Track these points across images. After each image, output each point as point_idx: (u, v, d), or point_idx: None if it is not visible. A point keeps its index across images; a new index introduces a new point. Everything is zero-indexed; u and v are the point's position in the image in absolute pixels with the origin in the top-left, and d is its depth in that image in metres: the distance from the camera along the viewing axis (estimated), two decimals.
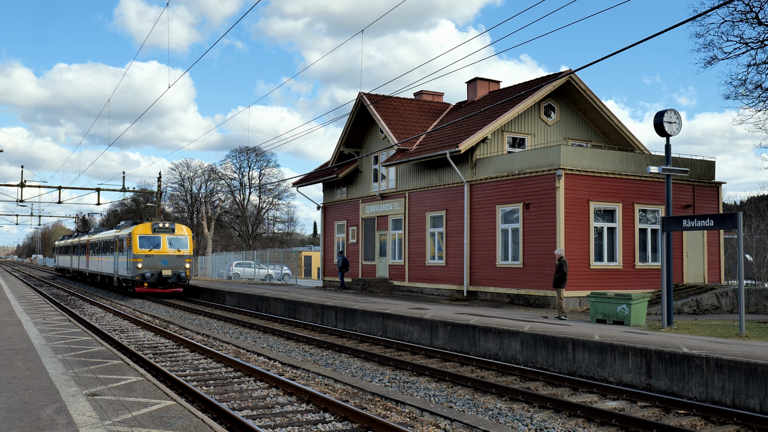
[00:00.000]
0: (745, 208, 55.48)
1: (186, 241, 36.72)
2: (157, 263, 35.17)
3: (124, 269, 36.73)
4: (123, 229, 38.98)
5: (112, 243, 40.34)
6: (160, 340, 19.11)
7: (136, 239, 35.37)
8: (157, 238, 35.87)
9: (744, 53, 26.71)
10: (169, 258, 35.58)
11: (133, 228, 36.11)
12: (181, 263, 35.94)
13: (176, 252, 36.00)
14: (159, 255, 35.39)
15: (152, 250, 35.35)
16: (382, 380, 13.66)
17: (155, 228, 36.04)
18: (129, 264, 35.67)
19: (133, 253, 35.12)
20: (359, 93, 33.89)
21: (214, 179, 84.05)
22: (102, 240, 44.18)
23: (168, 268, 35.39)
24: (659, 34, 11.68)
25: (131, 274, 35.26)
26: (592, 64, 12.93)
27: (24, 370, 11.13)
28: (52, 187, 50.04)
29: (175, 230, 36.59)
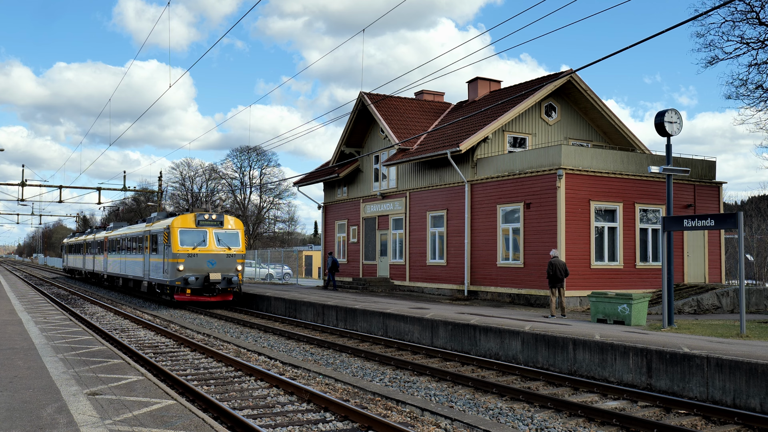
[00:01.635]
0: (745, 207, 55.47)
1: (237, 237, 29.75)
2: (202, 264, 28.35)
3: (159, 272, 29.99)
4: (156, 223, 32.04)
5: (141, 239, 33.59)
6: (161, 340, 19.11)
7: (176, 234, 28.41)
8: (202, 233, 28.87)
9: (745, 53, 26.69)
10: (217, 258, 28.75)
11: (172, 221, 28.90)
12: (232, 264, 29.03)
13: (225, 250, 29.06)
14: (205, 254, 28.54)
15: (196, 247, 28.47)
16: (382, 380, 13.66)
17: (199, 220, 29.04)
18: (166, 265, 28.82)
19: (173, 252, 28.19)
20: (360, 92, 33.89)
21: (215, 179, 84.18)
22: (126, 236, 37.26)
23: (216, 270, 28.54)
24: (660, 34, 11.67)
25: (170, 277, 28.34)
26: (592, 64, 12.93)
27: (25, 369, 11.13)
28: (53, 186, 50.11)
29: (223, 223, 29.47)
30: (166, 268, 28.81)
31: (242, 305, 30.89)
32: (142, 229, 33.90)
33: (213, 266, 28.53)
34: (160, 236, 30.01)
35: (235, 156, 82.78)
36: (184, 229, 28.67)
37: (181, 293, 28.23)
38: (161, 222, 30.96)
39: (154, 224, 31.90)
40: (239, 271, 29.15)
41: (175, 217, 29.62)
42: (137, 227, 35.97)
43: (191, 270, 28.07)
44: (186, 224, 28.81)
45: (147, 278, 32.19)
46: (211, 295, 28.59)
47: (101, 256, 44.96)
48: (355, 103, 34.36)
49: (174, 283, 28.07)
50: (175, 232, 28.54)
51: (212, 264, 28.57)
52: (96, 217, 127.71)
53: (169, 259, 28.44)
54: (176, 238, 28.39)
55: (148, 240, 32.04)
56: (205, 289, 28.32)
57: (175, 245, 28.27)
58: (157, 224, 31.48)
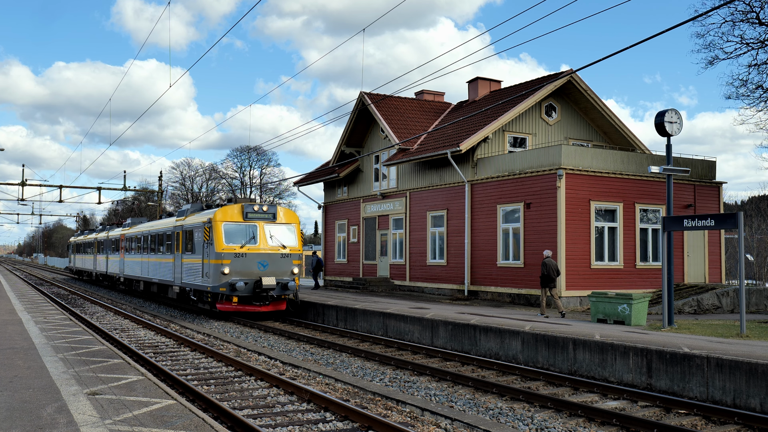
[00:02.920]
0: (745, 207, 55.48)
1: (293, 232, 24.97)
2: (251, 266, 23.55)
3: (195, 275, 25.24)
4: (191, 216, 27.18)
5: (170, 237, 28.77)
6: (161, 339, 19.12)
7: (219, 230, 23.55)
8: (252, 228, 24.12)
9: (745, 53, 26.69)
10: (269, 258, 23.85)
11: (215, 213, 24.10)
12: (287, 266, 24.15)
13: (279, 249, 24.13)
14: (255, 254, 23.71)
15: (244, 246, 23.58)
16: (382, 380, 13.66)
17: (248, 212, 24.16)
18: (207, 268, 23.94)
19: (216, 251, 23.35)
20: (360, 92, 33.89)
21: (215, 178, 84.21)
22: (149, 233, 32.39)
23: (269, 273, 23.68)
24: (660, 34, 11.67)
25: (212, 282, 23.48)
26: (593, 64, 12.93)
27: (25, 369, 11.13)
28: (53, 186, 50.13)
29: (276, 215, 24.66)
30: (207, 270, 23.85)
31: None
32: (170, 225, 29.03)
33: (265, 268, 23.67)
34: (197, 232, 25.22)
35: (235, 156, 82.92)
36: (229, 224, 23.77)
37: (226, 302, 23.32)
38: (198, 215, 26.14)
39: (188, 218, 26.99)
40: (295, 274, 24.27)
41: (217, 208, 24.66)
42: (164, 222, 31.05)
43: (238, 273, 23.27)
44: (232, 217, 23.87)
45: (178, 282, 27.33)
46: (262, 303, 23.61)
47: (116, 256, 40.43)
48: (356, 103, 34.36)
49: (217, 289, 23.18)
50: (219, 226, 23.59)
51: (264, 266, 23.70)
52: (96, 217, 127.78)
53: (211, 260, 23.56)
54: (220, 234, 23.51)
55: (180, 237, 27.29)
56: (255, 297, 23.48)
57: (219, 243, 23.37)
58: (192, 218, 26.54)
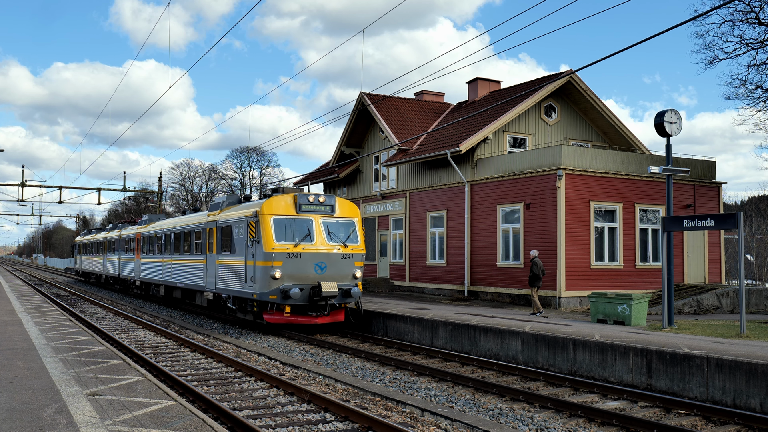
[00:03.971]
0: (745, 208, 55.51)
1: (354, 229, 20.94)
2: (307, 269, 19.56)
3: (235, 280, 21.21)
4: (227, 210, 22.84)
5: (200, 234, 24.82)
6: (161, 340, 19.11)
7: (269, 225, 19.51)
8: (307, 223, 20.05)
9: (744, 53, 26.68)
10: (328, 259, 19.88)
11: (262, 204, 20.03)
12: (349, 269, 20.23)
13: (340, 248, 20.18)
14: (312, 254, 19.69)
15: (298, 245, 19.57)
16: (382, 380, 13.65)
17: (302, 204, 20.10)
18: (252, 271, 19.92)
19: (264, 251, 19.33)
20: (360, 93, 33.90)
21: (215, 179, 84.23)
22: (173, 231, 28.49)
23: (328, 277, 19.71)
24: (659, 34, 11.67)
25: (258, 288, 19.45)
26: (592, 65, 12.94)
27: (25, 369, 11.13)
28: (52, 186, 50.14)
29: (335, 208, 20.67)
30: (252, 274, 19.85)
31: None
32: (201, 221, 25.10)
33: (323, 272, 19.70)
34: (237, 228, 21.34)
35: (234, 156, 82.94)
36: (280, 218, 19.70)
37: (277, 312, 19.39)
38: (238, 208, 22.12)
39: (225, 212, 22.99)
40: (357, 278, 20.33)
41: (263, 199, 20.72)
42: (192, 218, 27.02)
43: (291, 278, 19.27)
44: (282, 209, 19.90)
45: (211, 288, 23.42)
46: (319, 314, 19.59)
47: (130, 257, 36.55)
48: (355, 103, 34.37)
49: (266, 297, 19.18)
50: (268, 221, 19.49)
51: (322, 268, 19.71)
52: (96, 218, 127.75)
53: (258, 261, 19.53)
54: (269, 230, 19.43)
55: (214, 235, 23.36)
56: (311, 306, 19.45)
57: (268, 241, 19.33)
58: (230, 212, 22.47)
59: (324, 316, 19.76)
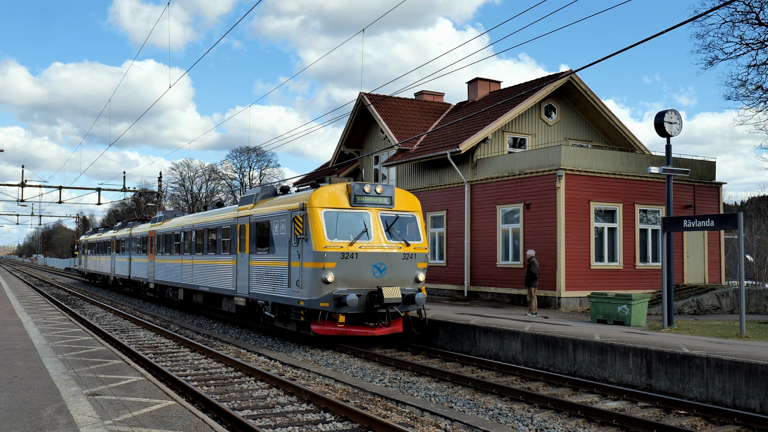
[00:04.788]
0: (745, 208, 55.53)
1: (416, 225, 18.17)
2: (364, 272, 16.75)
3: (278, 284, 18.17)
4: (266, 202, 19.87)
5: (229, 231, 21.99)
6: (161, 340, 19.11)
7: (319, 220, 16.66)
8: (363, 218, 17.24)
9: (744, 54, 26.69)
10: (388, 260, 17.08)
11: (310, 196, 17.07)
12: (411, 271, 17.50)
13: (400, 246, 17.36)
14: (369, 254, 16.85)
15: (354, 243, 16.70)
16: (382, 380, 13.65)
17: (357, 195, 17.24)
18: (299, 274, 16.99)
19: (314, 250, 16.44)
20: (360, 93, 33.90)
21: (215, 179, 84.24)
22: (194, 228, 25.74)
23: (388, 281, 17.00)
24: (659, 34, 11.67)
25: (307, 294, 16.62)
26: (592, 65, 12.94)
27: (24, 369, 11.13)
28: (52, 186, 50.12)
29: (394, 200, 17.81)
30: (298, 277, 16.99)
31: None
32: (230, 216, 22.11)
33: (382, 274, 16.90)
34: (277, 224, 18.39)
35: (234, 156, 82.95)
36: (332, 211, 16.88)
37: (329, 322, 16.66)
38: (278, 201, 19.10)
39: (260, 205, 19.96)
40: (420, 282, 17.64)
41: (311, 189, 17.84)
42: (218, 213, 23.82)
43: (346, 282, 16.51)
44: (334, 202, 17.02)
45: (243, 292, 20.56)
46: (377, 324, 16.81)
47: (142, 258, 33.84)
48: (355, 103, 34.37)
49: (316, 304, 16.37)
50: (318, 215, 16.64)
51: (381, 271, 16.91)
52: (96, 218, 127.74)
53: (307, 262, 16.67)
54: (320, 225, 16.55)
55: (246, 232, 20.45)
56: (369, 315, 16.71)
57: (319, 238, 16.44)
58: (267, 205, 19.50)
59: (383, 326, 16.89)
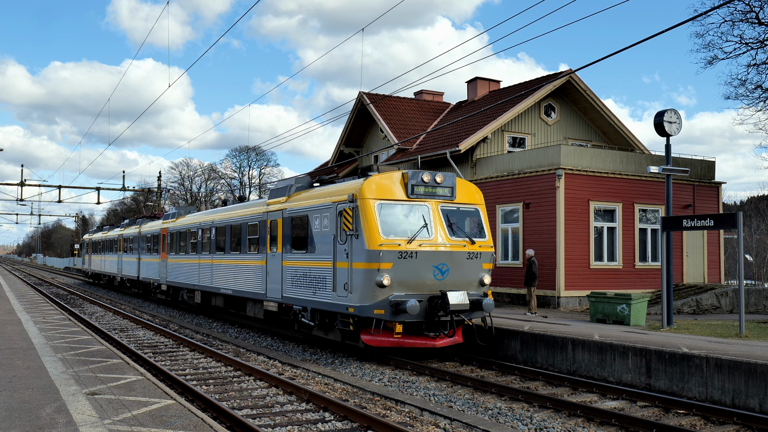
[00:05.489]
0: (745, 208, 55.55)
1: (480, 218, 16.05)
2: (424, 273, 14.55)
3: (321, 287, 15.89)
4: (302, 194, 17.59)
5: (257, 228, 19.79)
6: (160, 339, 19.10)
7: (372, 213, 14.47)
8: (422, 211, 15.04)
9: (744, 53, 26.71)
10: (451, 260, 14.90)
11: (362, 185, 14.81)
12: (476, 272, 15.34)
13: (465, 244, 15.19)
14: (431, 253, 14.65)
15: (413, 240, 14.48)
16: (381, 380, 13.65)
17: (415, 185, 15.06)
18: (348, 276, 14.75)
19: (367, 249, 14.20)
20: (359, 92, 33.90)
21: (214, 178, 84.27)
22: (214, 225, 23.59)
23: (451, 284, 14.77)
24: (659, 34, 11.67)
25: (358, 300, 14.37)
26: (592, 64, 12.94)
27: (24, 369, 11.13)
28: (52, 186, 50.12)
29: (455, 191, 15.60)
30: (346, 280, 14.73)
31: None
32: (257, 211, 20.01)
33: (444, 276, 14.70)
34: (319, 219, 16.11)
35: (234, 156, 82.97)
36: (387, 204, 14.68)
37: (384, 332, 14.43)
38: (318, 192, 16.85)
39: (294, 198, 17.78)
40: (486, 285, 15.54)
41: (361, 179, 15.42)
42: (242, 208, 21.65)
43: (404, 285, 14.31)
44: (390, 192, 14.83)
45: (275, 296, 18.26)
46: (439, 333, 14.79)
47: (153, 257, 31.61)
48: (355, 103, 34.38)
49: (369, 311, 14.14)
50: (371, 208, 14.44)
51: (443, 272, 14.69)
52: (95, 217, 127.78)
53: (358, 262, 14.43)
54: (374, 220, 14.34)
55: (279, 228, 18.22)
56: (430, 324, 14.61)
57: (373, 235, 14.18)
58: (303, 198, 17.34)
59: (446, 336, 14.88)
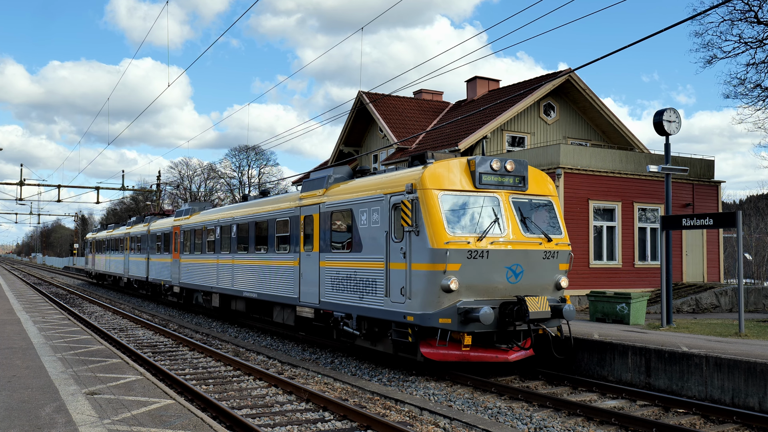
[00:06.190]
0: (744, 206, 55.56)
1: (554, 211, 14.17)
2: (496, 276, 12.79)
3: (371, 292, 13.96)
4: (343, 186, 15.82)
5: (288, 224, 17.82)
6: (159, 339, 19.10)
7: (436, 205, 12.60)
8: (492, 203, 13.22)
9: (743, 52, 26.69)
10: (526, 260, 13.16)
11: (422, 174, 12.93)
12: (552, 274, 13.57)
13: (541, 242, 13.43)
14: (503, 252, 12.87)
15: (483, 237, 12.68)
16: (381, 379, 13.65)
17: (483, 173, 13.20)
18: (404, 278, 12.88)
19: (431, 247, 12.32)
20: (359, 92, 33.89)
21: (214, 178, 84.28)
22: (235, 222, 21.77)
23: (525, 288, 13.08)
24: (658, 33, 11.66)
25: (419, 307, 12.49)
26: (591, 63, 12.90)
27: (23, 368, 11.12)
28: (51, 185, 50.06)
29: (526, 181, 13.77)
30: (404, 284, 12.81)
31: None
32: (288, 205, 18.05)
33: (518, 279, 12.94)
34: (367, 213, 14.25)
35: (233, 155, 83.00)
36: (452, 195, 12.84)
37: (451, 345, 12.54)
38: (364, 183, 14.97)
39: (335, 190, 15.93)
40: (563, 289, 13.67)
41: (420, 166, 13.43)
42: (270, 203, 19.57)
43: (472, 290, 12.50)
44: (454, 182, 12.98)
45: (311, 301, 16.43)
46: (512, 345, 13.09)
47: (164, 257, 29.87)
48: (354, 102, 34.37)
49: (434, 320, 12.26)
50: (435, 200, 12.60)
51: (517, 275, 12.94)
52: (95, 217, 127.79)
53: (419, 263, 12.53)
54: (438, 213, 12.51)
55: (316, 224, 16.33)
56: (502, 335, 12.93)
57: (439, 231, 12.36)
58: (345, 190, 15.53)
59: (518, 349, 13.04)
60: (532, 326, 12.76)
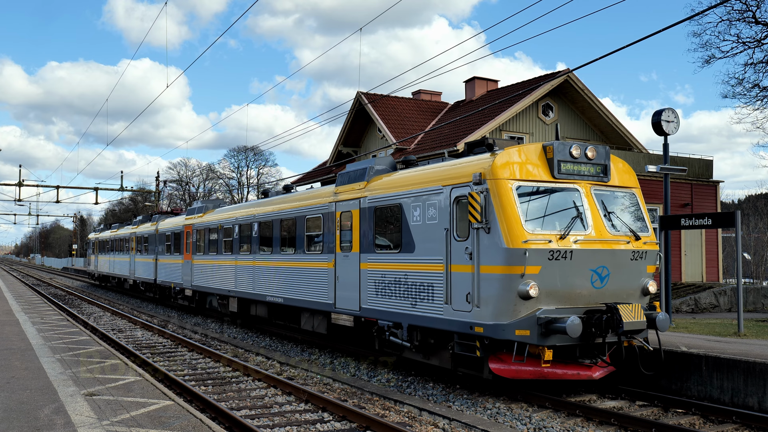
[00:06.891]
0: (743, 206, 55.62)
1: (639, 205, 12.52)
2: (579, 279, 10.99)
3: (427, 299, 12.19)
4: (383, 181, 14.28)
5: (319, 222, 16.25)
6: (158, 340, 19.08)
7: (510, 198, 10.82)
8: (572, 196, 11.42)
9: (741, 52, 26.74)
10: (613, 261, 11.36)
11: (492, 162, 11.06)
12: (638, 277, 11.71)
13: (626, 240, 11.63)
14: (589, 252, 11.08)
15: (567, 235, 10.98)
16: (380, 380, 13.64)
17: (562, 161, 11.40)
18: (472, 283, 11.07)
19: (505, 246, 10.55)
20: (357, 92, 33.88)
21: (212, 178, 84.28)
22: (255, 220, 20.10)
23: (611, 294, 11.32)
24: (656, 33, 11.65)
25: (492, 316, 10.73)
26: (589, 64, 12.89)
27: (22, 369, 11.11)
28: (50, 186, 50.04)
29: (608, 171, 12.03)
30: (471, 289, 11.18)
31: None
32: (319, 201, 16.41)
33: (603, 284, 11.35)
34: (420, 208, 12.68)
35: (232, 156, 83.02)
36: (528, 185, 11.25)
37: (530, 360, 10.87)
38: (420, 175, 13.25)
39: (376, 184, 14.41)
40: (650, 295, 12.06)
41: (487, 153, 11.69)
42: (299, 199, 17.81)
43: (552, 296, 10.90)
44: (529, 171, 11.35)
45: (350, 308, 14.71)
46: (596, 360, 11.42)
47: (174, 258, 28.28)
48: (353, 102, 34.35)
49: (510, 332, 10.66)
50: (509, 191, 10.97)
51: (602, 278, 11.35)
52: (93, 217, 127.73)
53: (490, 265, 10.91)
54: (513, 207, 10.90)
55: (355, 221, 14.76)
56: (586, 348, 11.28)
57: (515, 228, 10.76)
58: (390, 183, 13.99)
59: (603, 365, 11.55)
60: (629, 335, 11.18)
